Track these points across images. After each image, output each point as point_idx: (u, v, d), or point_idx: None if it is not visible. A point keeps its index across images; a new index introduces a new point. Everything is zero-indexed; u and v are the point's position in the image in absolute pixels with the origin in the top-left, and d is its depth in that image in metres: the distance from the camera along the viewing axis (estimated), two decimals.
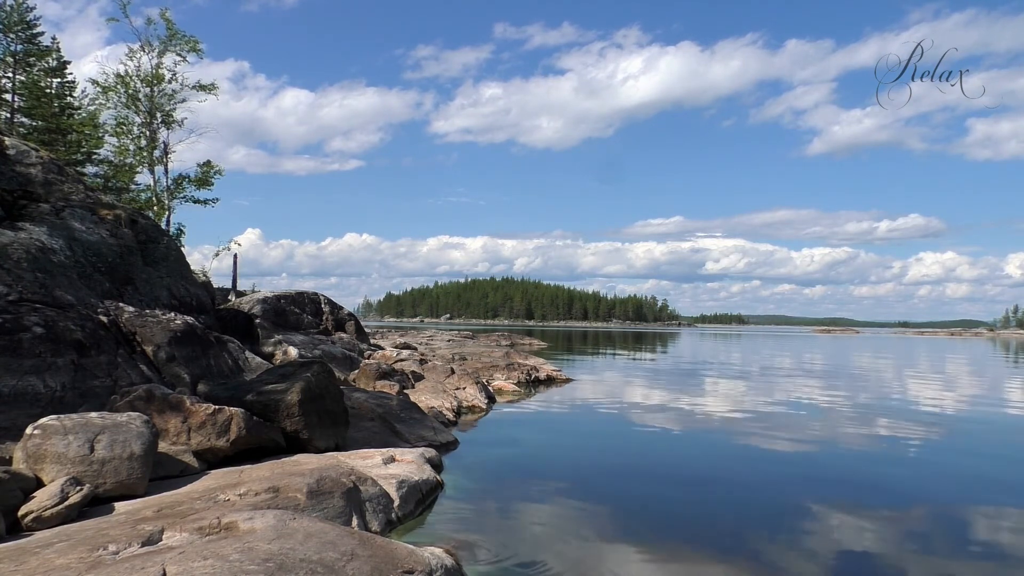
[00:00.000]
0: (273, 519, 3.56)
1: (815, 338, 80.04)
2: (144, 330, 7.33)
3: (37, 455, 4.34)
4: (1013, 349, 48.61)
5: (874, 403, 13.40)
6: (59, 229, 8.18)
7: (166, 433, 5.35)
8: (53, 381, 5.69)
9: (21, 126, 22.42)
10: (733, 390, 15.46)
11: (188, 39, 20.80)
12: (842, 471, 7.25)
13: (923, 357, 34.00)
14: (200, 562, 2.93)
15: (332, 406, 6.70)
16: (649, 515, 5.53)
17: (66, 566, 3.01)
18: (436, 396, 10.57)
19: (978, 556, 4.68)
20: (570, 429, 9.97)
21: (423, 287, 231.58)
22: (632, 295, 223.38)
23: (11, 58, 23.45)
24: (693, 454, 8.14)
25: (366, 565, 3.22)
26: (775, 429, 9.70)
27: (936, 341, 74.22)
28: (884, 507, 5.81)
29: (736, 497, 6.14)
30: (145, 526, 3.57)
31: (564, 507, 5.70)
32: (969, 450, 8.65)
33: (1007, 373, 23.91)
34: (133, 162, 21.39)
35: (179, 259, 10.91)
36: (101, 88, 20.53)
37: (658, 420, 10.49)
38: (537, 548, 4.61)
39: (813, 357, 32.00)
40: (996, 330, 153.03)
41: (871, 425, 10.32)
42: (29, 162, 9.05)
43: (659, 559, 4.50)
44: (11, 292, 6.36)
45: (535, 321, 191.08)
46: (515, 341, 34.74)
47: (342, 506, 4.53)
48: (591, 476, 6.90)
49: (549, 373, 16.18)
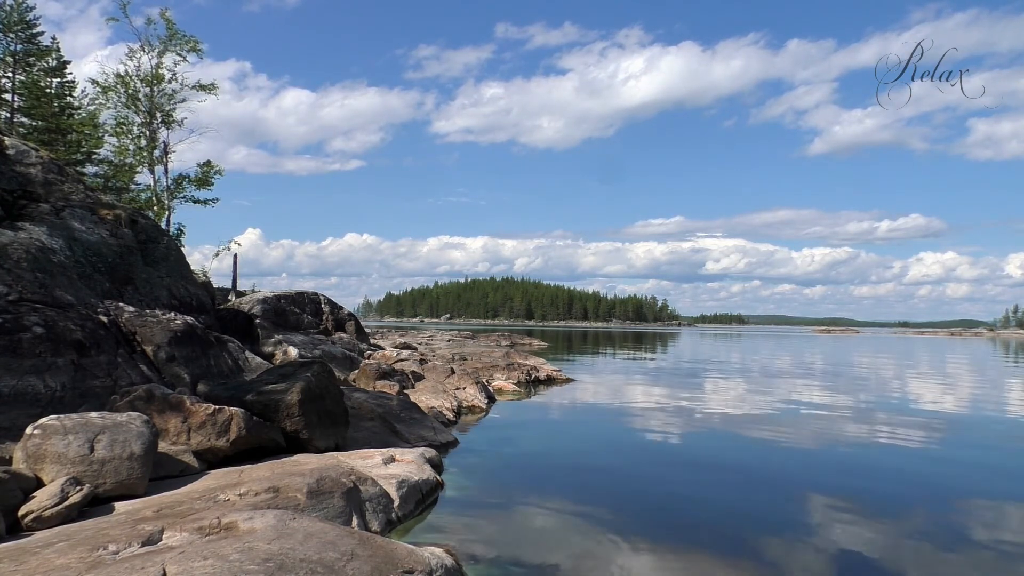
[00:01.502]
0: (273, 519, 3.56)
1: (815, 338, 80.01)
2: (144, 330, 7.33)
3: (37, 455, 4.34)
4: (1013, 349, 48.60)
5: (874, 403, 13.40)
6: (59, 229, 8.18)
7: (166, 433, 5.36)
8: (53, 381, 5.69)
9: (21, 126, 22.39)
10: (733, 390, 15.45)
11: (188, 39, 20.83)
12: (842, 471, 7.25)
13: (923, 357, 33.99)
14: (200, 562, 2.94)
15: (332, 406, 6.70)
16: (649, 515, 5.54)
17: (66, 566, 3.01)
18: (436, 396, 10.57)
19: (978, 556, 4.68)
20: (570, 429, 9.98)
21: (423, 287, 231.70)
22: (632, 295, 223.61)
23: (11, 58, 23.44)
24: (693, 454, 8.13)
25: (366, 565, 3.22)
26: (775, 429, 9.69)
27: (936, 341, 74.21)
28: (884, 507, 5.81)
29: (736, 496, 6.14)
30: (145, 526, 3.57)
31: (564, 507, 5.70)
32: (968, 450, 8.65)
33: (1007, 373, 23.91)
34: (133, 162, 21.40)
35: (179, 259, 10.91)
36: (101, 88, 20.55)
37: (658, 420, 10.49)
38: (537, 548, 4.61)
39: (813, 357, 32.00)
40: (996, 330, 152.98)
41: (871, 425, 10.31)
42: (29, 162, 9.05)
43: (659, 559, 4.50)
44: (11, 292, 6.36)
45: (535, 321, 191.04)
46: (515, 341, 34.74)
47: (342, 506, 4.53)
48: (591, 476, 6.90)
49: (549, 373, 16.19)
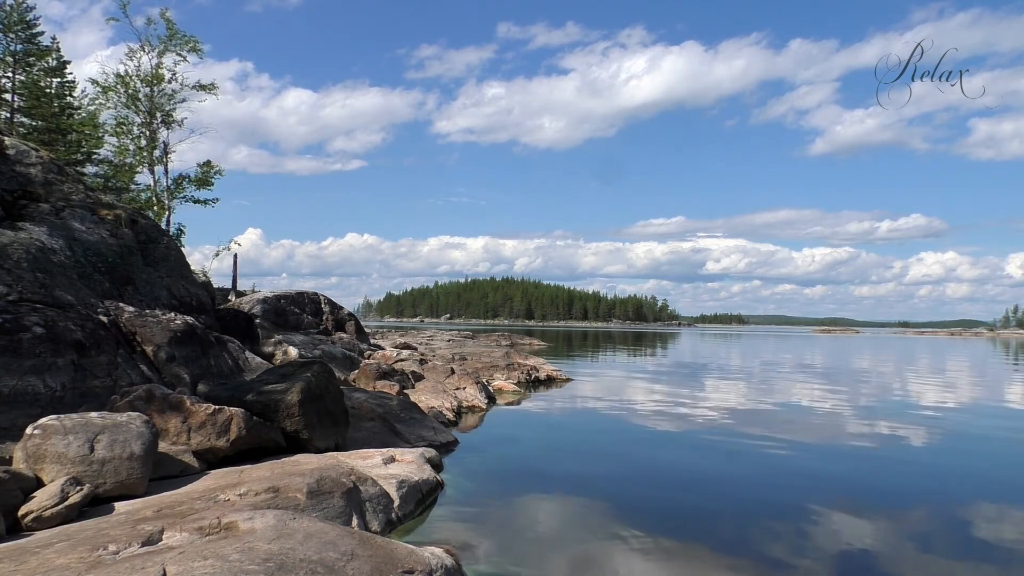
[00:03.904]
0: (273, 519, 3.56)
1: (815, 338, 80.00)
2: (144, 330, 7.33)
3: (37, 455, 4.34)
4: (1013, 349, 48.60)
5: (873, 403, 13.40)
6: (59, 229, 8.18)
7: (166, 433, 5.35)
8: (53, 381, 5.69)
9: (21, 126, 22.40)
10: (733, 390, 15.45)
11: (188, 39, 20.84)
12: (842, 471, 7.26)
13: (922, 357, 33.99)
14: (200, 562, 2.93)
15: (332, 406, 6.70)
16: (649, 514, 5.53)
17: (66, 566, 3.01)
18: (436, 396, 10.57)
19: (978, 556, 4.68)
20: (570, 429, 9.97)
21: (423, 287, 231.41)
22: (632, 295, 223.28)
23: (11, 58, 23.44)
24: (693, 454, 8.13)
25: (366, 565, 3.22)
26: (775, 429, 9.69)
27: (936, 341, 74.22)
28: (884, 507, 5.81)
29: (737, 497, 6.14)
30: (145, 526, 3.57)
31: (564, 507, 5.70)
32: (968, 450, 8.65)
33: (1006, 373, 23.90)
34: (133, 162, 21.42)
35: (179, 259, 10.91)
36: (101, 88, 20.56)
37: (658, 420, 10.49)
38: (537, 548, 4.62)
39: (813, 357, 32.00)
40: (996, 330, 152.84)
41: (871, 425, 10.31)
42: (29, 162, 9.05)
43: (660, 558, 4.50)
44: (11, 292, 6.36)
45: (535, 321, 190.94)
46: (515, 341, 34.72)
47: (342, 506, 4.53)
48: (591, 476, 6.90)
49: (549, 373, 16.19)
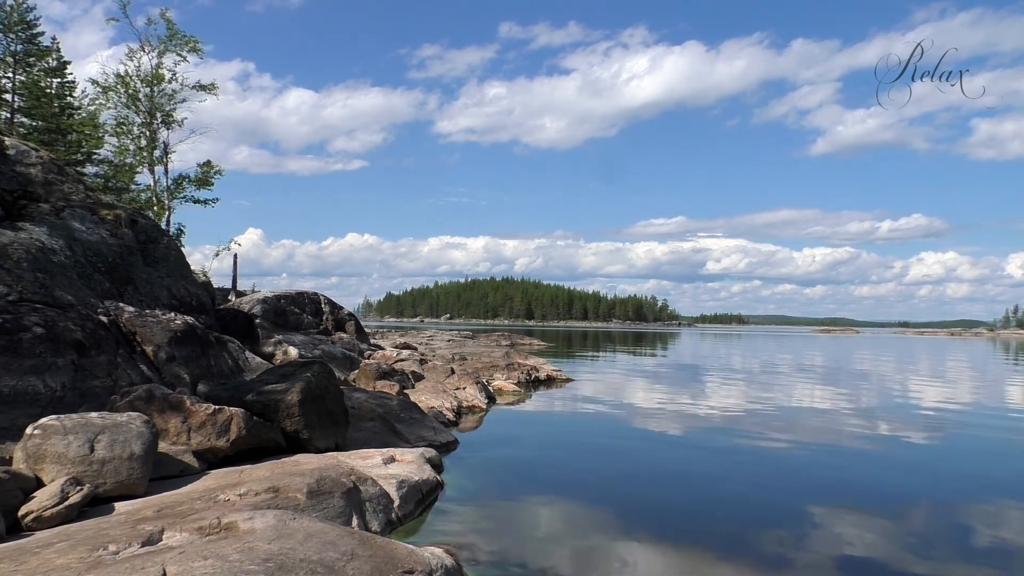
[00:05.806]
0: (273, 519, 3.56)
1: (815, 338, 80.00)
2: (144, 330, 7.33)
3: (37, 455, 4.34)
4: (1013, 349, 48.60)
5: (873, 403, 13.41)
6: (59, 229, 8.18)
7: (166, 433, 5.35)
8: (53, 381, 5.69)
9: (21, 126, 22.41)
10: (733, 390, 15.45)
11: (188, 39, 20.85)
12: (842, 471, 7.25)
13: (922, 357, 33.99)
14: (200, 562, 2.93)
15: (332, 406, 6.70)
16: (649, 514, 5.53)
17: (66, 566, 3.01)
18: (436, 396, 10.57)
19: (979, 556, 4.68)
20: (570, 429, 9.97)
21: (423, 287, 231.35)
22: (632, 295, 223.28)
23: (11, 58, 23.44)
24: (694, 454, 8.13)
25: (366, 565, 3.22)
26: (775, 429, 9.69)
27: (936, 341, 74.22)
28: (884, 507, 5.81)
29: (737, 497, 6.14)
30: (145, 526, 3.57)
31: (564, 507, 5.70)
32: (968, 450, 8.66)
33: (1006, 373, 23.90)
34: (133, 162, 21.43)
35: (179, 259, 10.91)
36: (101, 88, 20.57)
37: (658, 420, 10.49)
38: (537, 548, 4.61)
39: (813, 357, 32.00)
40: (996, 330, 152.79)
41: (871, 425, 10.31)
42: (29, 162, 9.05)
43: (660, 558, 4.50)
44: (11, 292, 6.36)
45: (535, 321, 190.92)
46: (515, 341, 34.72)
47: (342, 506, 4.53)
48: (591, 476, 6.90)
49: (549, 373, 16.18)
